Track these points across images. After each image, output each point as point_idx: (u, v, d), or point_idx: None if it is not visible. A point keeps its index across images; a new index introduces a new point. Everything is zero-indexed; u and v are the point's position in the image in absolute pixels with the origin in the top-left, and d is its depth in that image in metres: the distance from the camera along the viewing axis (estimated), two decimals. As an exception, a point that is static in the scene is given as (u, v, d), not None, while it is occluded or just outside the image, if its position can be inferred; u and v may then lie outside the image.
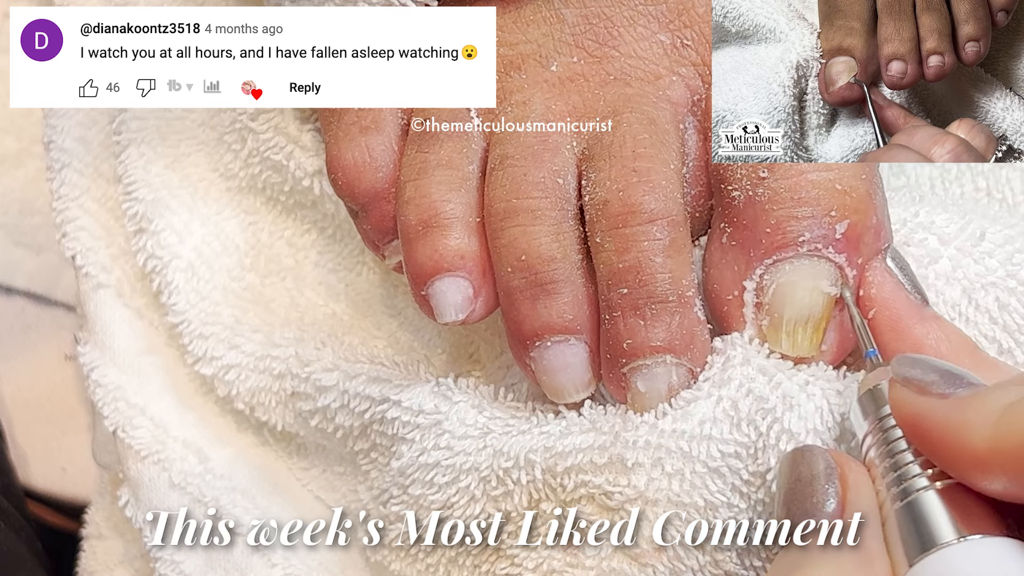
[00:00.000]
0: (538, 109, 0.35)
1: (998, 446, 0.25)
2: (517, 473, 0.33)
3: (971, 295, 0.33)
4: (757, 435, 0.31)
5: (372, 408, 0.36)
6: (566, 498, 0.33)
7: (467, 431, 0.34)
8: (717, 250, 0.34)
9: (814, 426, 0.31)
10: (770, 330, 0.32)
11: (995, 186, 0.39)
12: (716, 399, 0.32)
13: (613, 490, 0.32)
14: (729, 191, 0.33)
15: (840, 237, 0.32)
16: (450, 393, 0.35)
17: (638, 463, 0.32)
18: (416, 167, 0.34)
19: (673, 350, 0.32)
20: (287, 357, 0.39)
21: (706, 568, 0.32)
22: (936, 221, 0.35)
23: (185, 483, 0.41)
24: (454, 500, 0.34)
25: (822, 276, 0.32)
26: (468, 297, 0.33)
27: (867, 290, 0.32)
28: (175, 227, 0.43)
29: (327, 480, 0.41)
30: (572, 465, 0.32)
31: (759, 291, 0.32)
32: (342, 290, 0.42)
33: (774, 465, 0.31)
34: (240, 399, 0.41)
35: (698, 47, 0.35)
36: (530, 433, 0.33)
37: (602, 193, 0.33)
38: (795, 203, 0.32)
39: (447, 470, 0.34)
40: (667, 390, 0.32)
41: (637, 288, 0.32)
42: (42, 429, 0.56)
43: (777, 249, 0.32)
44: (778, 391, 0.31)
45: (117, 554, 0.48)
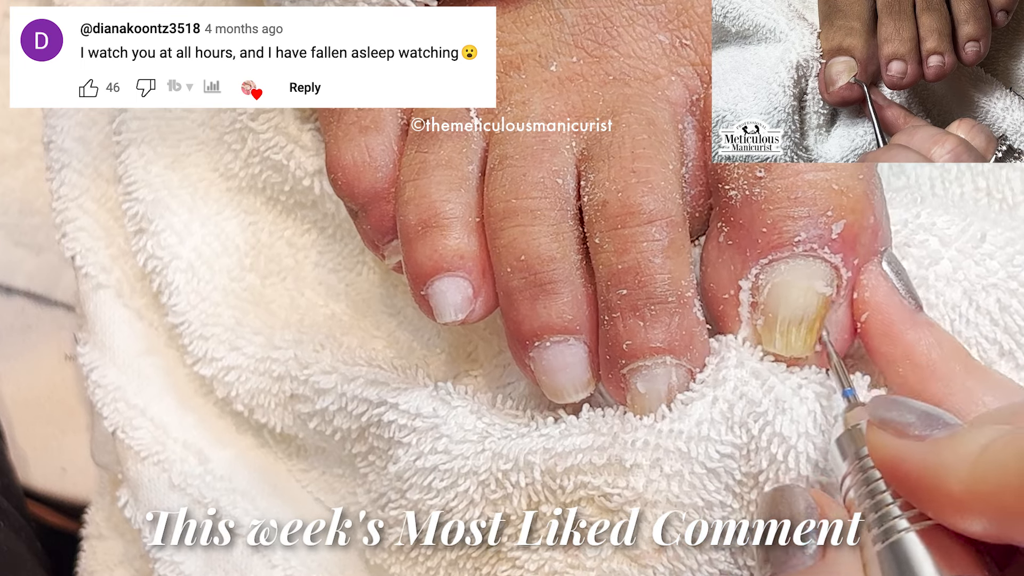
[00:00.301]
0: (537, 109, 0.35)
1: (975, 487, 0.25)
2: (516, 475, 0.33)
3: (972, 297, 0.33)
4: (749, 437, 0.31)
5: (369, 411, 0.36)
6: (565, 500, 0.33)
7: (465, 435, 0.34)
8: (714, 249, 0.34)
9: (806, 429, 0.31)
10: (764, 330, 0.32)
11: (995, 186, 0.39)
12: (712, 400, 0.32)
13: (612, 492, 0.32)
14: (726, 190, 0.33)
15: (836, 237, 0.32)
16: (448, 398, 0.35)
17: (636, 464, 0.32)
18: (416, 167, 0.34)
19: (673, 351, 0.32)
20: (286, 359, 0.39)
21: (703, 568, 0.32)
22: (937, 223, 0.35)
23: (185, 484, 0.41)
24: (452, 504, 0.34)
25: (817, 276, 0.32)
26: (468, 297, 0.33)
27: (861, 293, 0.32)
28: (175, 227, 0.43)
29: (327, 482, 0.41)
30: (571, 466, 0.32)
31: (755, 291, 0.32)
32: (342, 290, 0.42)
33: (766, 467, 0.31)
34: (239, 400, 0.41)
35: (697, 47, 0.35)
36: (529, 436, 0.33)
37: (601, 194, 0.33)
38: (791, 203, 0.32)
39: (445, 474, 0.34)
40: (667, 391, 0.32)
41: (636, 289, 0.32)
42: (42, 429, 0.56)
43: (773, 249, 0.32)
44: (770, 395, 0.31)
45: (117, 554, 0.48)
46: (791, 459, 0.31)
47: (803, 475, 0.31)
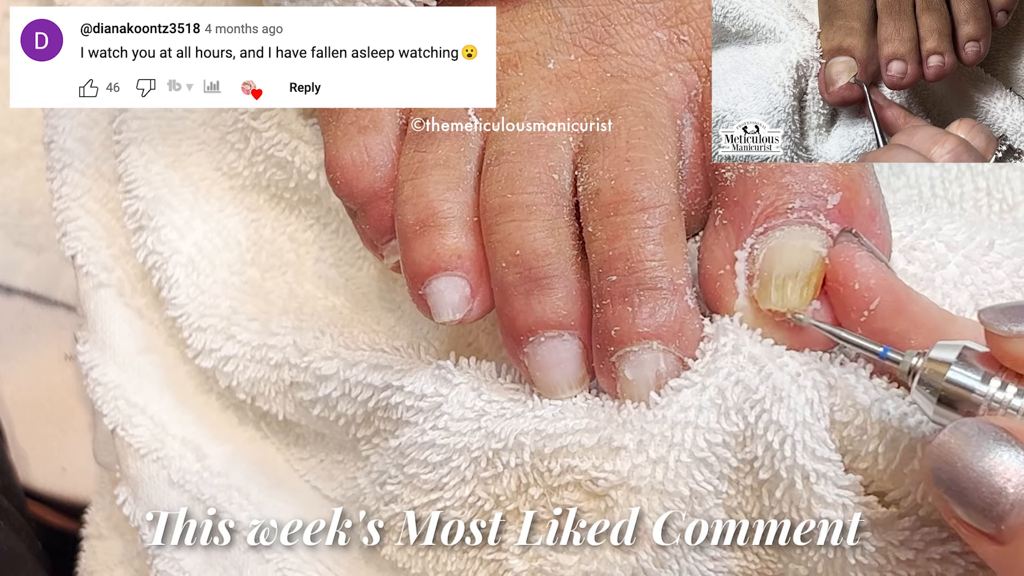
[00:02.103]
0: (535, 106, 0.35)
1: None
2: (507, 455, 0.33)
3: (979, 302, 0.33)
4: (745, 424, 0.31)
5: (375, 395, 0.36)
6: (552, 483, 0.33)
7: (464, 413, 0.34)
8: (711, 234, 0.34)
9: (803, 418, 0.31)
10: (760, 290, 0.32)
11: (995, 186, 0.39)
12: (701, 387, 0.32)
13: (598, 475, 0.32)
14: (722, 174, 0.33)
15: (832, 208, 0.32)
16: (450, 376, 0.35)
17: (623, 446, 0.31)
18: (414, 166, 0.34)
19: (660, 336, 0.32)
20: (284, 346, 0.39)
21: (689, 555, 0.32)
22: (943, 228, 0.35)
23: (183, 481, 0.41)
24: (445, 480, 0.34)
25: (812, 238, 0.32)
26: (465, 296, 0.33)
27: (865, 282, 0.31)
28: (176, 223, 0.43)
29: (325, 469, 0.41)
30: (560, 447, 0.32)
31: (750, 261, 0.32)
32: (342, 284, 0.42)
33: (761, 454, 0.31)
34: (241, 390, 0.41)
35: (695, 43, 0.35)
36: (523, 416, 0.33)
37: (595, 183, 0.33)
38: (786, 175, 0.32)
39: (441, 450, 0.34)
40: (655, 377, 0.32)
41: (627, 275, 0.32)
42: (42, 429, 0.56)
43: (768, 218, 0.32)
44: (768, 382, 0.31)
45: (117, 554, 0.48)
46: (787, 447, 0.31)
47: (799, 463, 0.30)
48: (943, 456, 0.27)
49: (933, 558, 0.30)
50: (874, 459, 0.31)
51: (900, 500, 0.31)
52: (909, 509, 0.31)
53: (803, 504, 0.31)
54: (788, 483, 0.31)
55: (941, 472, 0.27)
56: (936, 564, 0.30)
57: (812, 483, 0.30)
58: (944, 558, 0.30)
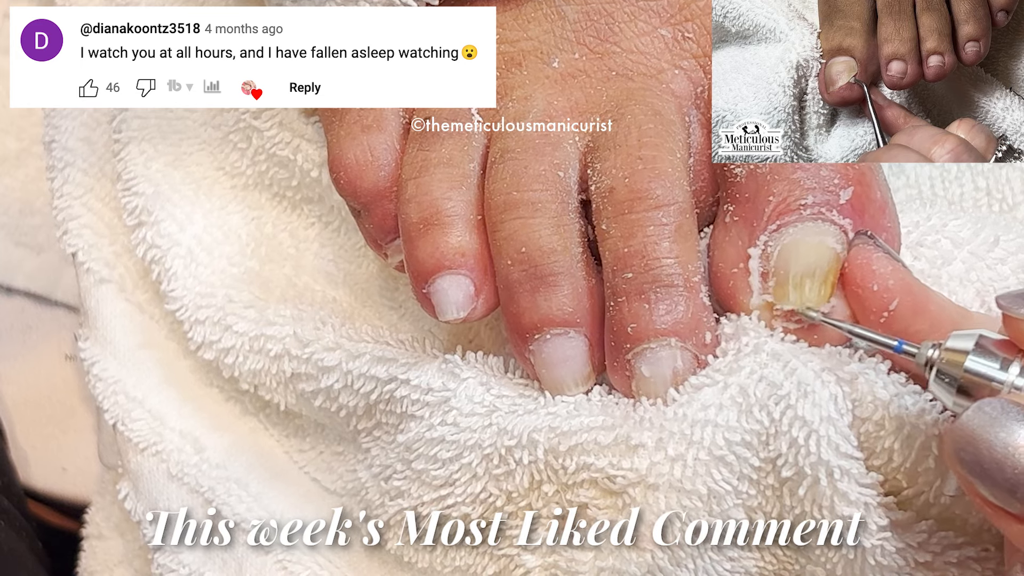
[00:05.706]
0: (540, 105, 0.35)
1: None
2: (520, 452, 0.33)
3: (984, 298, 0.33)
4: (770, 421, 0.31)
5: (379, 388, 0.36)
6: (567, 480, 0.33)
7: (474, 408, 0.34)
8: (721, 231, 0.33)
9: (828, 414, 0.30)
10: (776, 288, 0.32)
11: (995, 186, 0.39)
12: (723, 386, 0.31)
13: (616, 473, 0.32)
14: (732, 170, 0.33)
15: (845, 203, 0.32)
16: (458, 370, 0.35)
17: (642, 444, 0.31)
18: (417, 165, 0.34)
19: (678, 333, 0.32)
20: (283, 337, 0.39)
21: (705, 555, 0.32)
22: (949, 225, 0.35)
23: (182, 474, 0.41)
24: (456, 476, 0.34)
25: (827, 234, 0.32)
26: (469, 295, 0.33)
27: (883, 283, 0.31)
28: (176, 216, 0.42)
29: (324, 461, 0.41)
30: (575, 445, 0.32)
31: (764, 259, 0.32)
32: (342, 280, 0.42)
33: (785, 451, 0.31)
34: (244, 380, 0.41)
35: (699, 39, 0.35)
36: (536, 413, 0.33)
37: (608, 181, 0.33)
38: (797, 170, 0.32)
39: (451, 446, 0.34)
40: (672, 375, 0.32)
41: (642, 272, 0.32)
42: (42, 429, 0.56)
43: (780, 215, 0.32)
44: (792, 378, 0.31)
45: (117, 554, 0.48)
46: (812, 443, 0.30)
47: (824, 459, 0.30)
48: (966, 436, 0.27)
49: (950, 562, 0.30)
50: (889, 456, 0.31)
51: (913, 499, 0.31)
52: (922, 508, 0.31)
53: (825, 502, 0.31)
54: (812, 480, 0.31)
55: (964, 453, 0.27)
56: (953, 568, 0.31)
57: (836, 480, 0.30)
58: (961, 563, 0.30)
